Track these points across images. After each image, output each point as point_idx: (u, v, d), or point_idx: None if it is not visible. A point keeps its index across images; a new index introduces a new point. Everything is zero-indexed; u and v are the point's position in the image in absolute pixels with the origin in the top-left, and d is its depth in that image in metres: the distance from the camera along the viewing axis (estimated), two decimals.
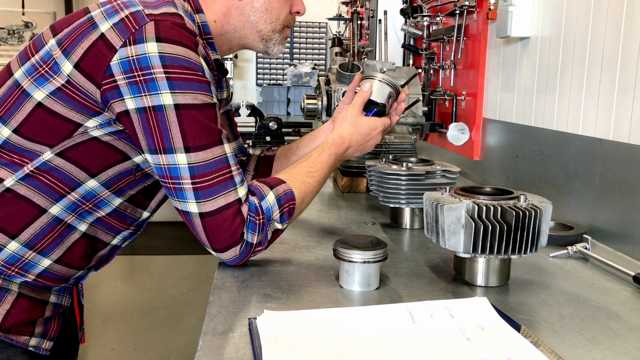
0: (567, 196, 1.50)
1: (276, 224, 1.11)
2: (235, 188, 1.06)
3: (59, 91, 1.05)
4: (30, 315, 1.13)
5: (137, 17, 1.03)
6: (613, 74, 1.33)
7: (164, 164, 1.04)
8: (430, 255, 1.25)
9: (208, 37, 1.21)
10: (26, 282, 1.12)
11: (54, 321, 1.19)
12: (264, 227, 1.09)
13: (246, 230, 1.06)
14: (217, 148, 1.05)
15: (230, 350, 0.80)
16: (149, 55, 1.00)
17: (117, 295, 3.90)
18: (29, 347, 1.13)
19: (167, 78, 1.01)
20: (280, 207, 1.11)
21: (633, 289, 1.08)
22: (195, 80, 1.03)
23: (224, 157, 1.06)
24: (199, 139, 1.03)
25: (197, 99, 1.03)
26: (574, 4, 1.51)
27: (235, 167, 1.08)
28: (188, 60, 1.03)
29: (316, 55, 5.98)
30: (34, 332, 1.14)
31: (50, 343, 1.18)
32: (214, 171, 1.04)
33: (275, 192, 1.11)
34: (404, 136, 1.92)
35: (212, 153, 1.04)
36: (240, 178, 1.08)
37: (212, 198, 1.04)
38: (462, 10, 2.13)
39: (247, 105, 3.01)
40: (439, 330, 0.85)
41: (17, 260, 1.09)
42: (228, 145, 1.08)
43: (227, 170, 1.06)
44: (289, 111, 5.47)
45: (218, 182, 1.04)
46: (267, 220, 1.09)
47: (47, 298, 1.17)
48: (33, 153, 1.06)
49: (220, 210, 1.04)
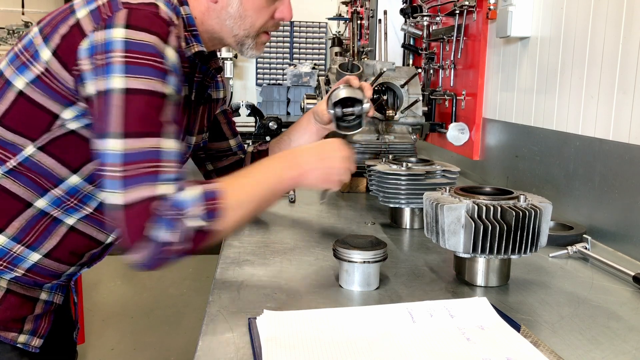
0: (567, 196, 1.50)
1: (198, 220, 0.98)
2: (160, 183, 0.97)
3: (38, 79, 1.04)
4: (19, 312, 1.13)
5: (112, 5, 1.03)
6: (613, 74, 1.33)
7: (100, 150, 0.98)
8: (430, 255, 1.25)
9: (193, 29, 1.20)
10: (16, 277, 1.12)
11: (44, 319, 1.19)
12: (176, 222, 0.97)
13: (159, 227, 0.96)
14: (152, 139, 0.98)
15: (230, 350, 0.80)
16: (113, 40, 0.98)
17: (117, 295, 3.90)
18: (17, 343, 1.13)
19: (123, 62, 0.97)
20: (203, 203, 0.99)
21: (633, 289, 1.08)
22: (152, 66, 0.99)
23: (158, 151, 0.98)
24: (137, 126, 0.97)
25: (147, 84, 0.98)
26: (574, 4, 1.51)
27: (168, 164, 0.99)
28: (151, 46, 0.99)
29: (316, 55, 5.98)
30: (22, 329, 1.14)
31: (40, 340, 1.17)
32: (143, 161, 0.97)
33: (201, 188, 1.01)
34: (404, 136, 1.92)
35: (146, 143, 0.97)
36: (173, 176, 0.99)
37: (134, 188, 0.95)
38: (462, 10, 2.13)
39: (247, 105, 3.01)
40: (439, 330, 0.85)
41: (5, 254, 1.09)
42: (170, 141, 1.00)
43: (156, 163, 0.98)
44: (289, 111, 5.47)
45: (143, 173, 0.96)
46: (179, 214, 0.98)
47: (37, 295, 1.16)
48: (16, 147, 1.06)
49: (138, 202, 0.95)
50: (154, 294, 3.95)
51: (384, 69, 1.90)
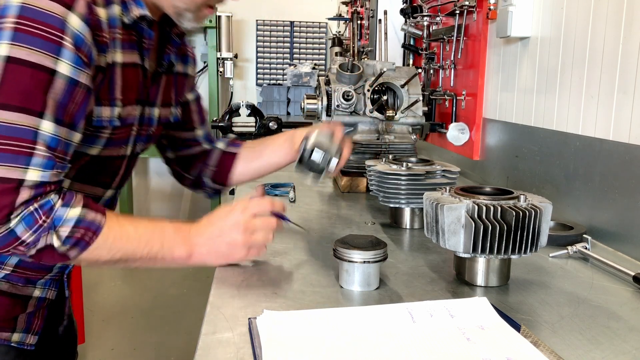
0: (567, 196, 1.50)
1: (55, 238, 0.93)
2: (26, 167, 0.89)
3: None
4: (11, 312, 1.11)
5: None
6: (613, 74, 1.33)
7: None
8: (430, 255, 1.25)
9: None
10: (6, 276, 1.09)
11: (37, 315, 1.17)
12: (41, 230, 0.92)
13: (19, 218, 0.90)
14: (28, 117, 0.89)
15: (230, 350, 0.80)
16: (10, 5, 0.91)
17: (117, 295, 3.90)
18: (12, 342, 1.12)
19: (13, 29, 0.89)
20: (76, 228, 0.94)
21: (633, 289, 1.08)
22: (44, 38, 0.90)
23: (32, 131, 0.90)
24: (13, 99, 0.89)
25: (34, 57, 0.89)
26: (574, 4, 1.51)
27: (44, 150, 0.91)
28: (50, 15, 0.91)
29: (316, 55, 5.98)
30: (15, 328, 1.12)
31: (34, 337, 1.16)
32: (11, 137, 0.88)
33: (83, 212, 0.95)
34: (404, 136, 1.92)
35: (19, 118, 0.89)
36: (44, 163, 0.91)
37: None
38: (462, 10, 2.13)
39: (247, 105, 3.01)
40: (439, 330, 0.85)
41: None
42: (50, 125, 0.91)
43: (28, 144, 0.89)
44: (289, 111, 5.47)
45: (9, 150, 0.88)
46: (49, 225, 0.92)
47: (30, 293, 1.14)
48: None
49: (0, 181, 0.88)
50: (154, 294, 3.95)
51: (384, 69, 1.90)
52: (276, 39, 5.90)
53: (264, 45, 5.89)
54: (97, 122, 1.04)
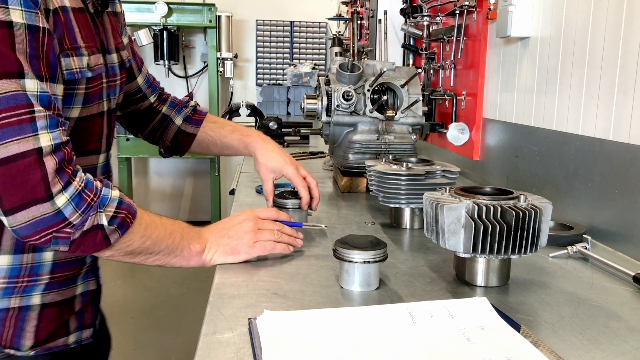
0: (567, 196, 1.51)
1: (104, 218, 0.91)
2: (36, 134, 0.86)
3: None
4: (60, 320, 1.10)
5: None
6: (613, 74, 1.33)
7: None
8: (430, 255, 1.25)
9: None
10: (47, 287, 1.07)
11: (86, 310, 1.17)
12: (90, 209, 0.90)
13: (62, 194, 0.87)
14: (7, 82, 0.84)
15: (230, 350, 0.80)
16: None
17: (117, 295, 3.90)
18: (70, 345, 1.12)
19: None
20: (118, 208, 0.94)
21: (633, 289, 1.08)
22: None
23: (21, 95, 0.85)
24: None
25: None
26: (574, 4, 1.51)
27: (42, 110, 0.87)
28: None
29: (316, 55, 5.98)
30: (69, 331, 1.12)
31: (89, 331, 1.17)
32: (7, 109, 0.84)
33: (121, 194, 0.96)
34: (404, 136, 1.92)
35: (3, 85, 0.84)
36: (50, 122, 0.88)
37: (3, 143, 0.84)
38: (462, 10, 2.13)
39: (247, 105, 3.01)
40: (439, 330, 0.85)
41: (19, 271, 1.03)
42: (33, 82, 0.87)
43: (24, 109, 0.85)
44: (289, 111, 5.47)
45: (9, 123, 0.84)
46: (97, 204, 0.91)
47: (73, 293, 1.13)
48: None
49: (13, 159, 0.84)
50: (154, 294, 3.95)
51: (384, 69, 1.90)
52: (276, 39, 5.90)
53: (264, 45, 5.89)
54: (69, 75, 0.98)
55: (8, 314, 1.03)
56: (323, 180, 2.10)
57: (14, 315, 1.04)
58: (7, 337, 1.03)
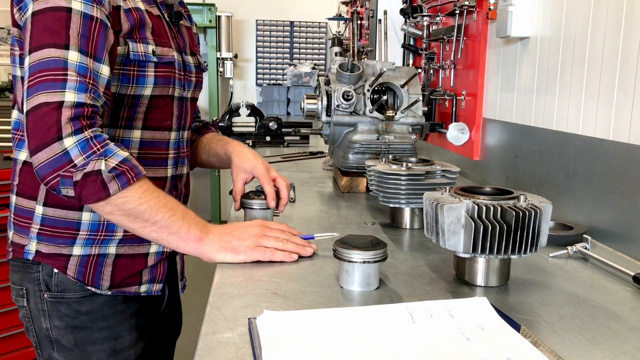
0: (567, 196, 1.51)
1: (103, 164, 1.03)
2: (63, 91, 1.03)
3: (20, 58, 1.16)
4: (133, 269, 1.29)
5: None
6: (613, 74, 1.33)
7: None
8: (430, 255, 1.25)
9: None
10: (121, 241, 1.26)
11: (159, 266, 1.35)
12: (93, 155, 1.03)
13: (71, 137, 1.02)
14: (54, 50, 1.04)
15: (230, 350, 0.80)
16: None
17: None
18: (141, 293, 1.32)
19: None
20: (122, 163, 1.06)
21: (633, 289, 1.08)
22: None
23: (62, 60, 1.04)
24: (39, 40, 1.05)
25: (49, 3, 1.06)
26: (574, 4, 1.51)
27: (75, 75, 1.05)
28: None
29: (316, 55, 5.98)
30: (141, 281, 1.31)
31: (159, 285, 1.35)
32: (44, 70, 1.03)
33: (132, 157, 1.09)
34: (404, 136, 1.92)
35: (47, 53, 1.04)
36: (77, 86, 1.05)
37: (35, 95, 1.03)
38: (462, 10, 2.13)
39: (247, 105, 3.01)
40: (439, 330, 0.85)
41: (97, 227, 1.22)
42: (76, 54, 1.06)
43: (60, 72, 1.04)
44: (289, 111, 5.47)
45: (45, 80, 1.03)
46: (101, 153, 1.04)
47: (147, 250, 1.30)
48: None
49: (38, 107, 1.02)
50: None
51: (384, 69, 1.90)
52: (276, 39, 5.90)
53: (264, 45, 5.89)
54: (135, 55, 1.19)
55: (89, 259, 1.25)
56: (323, 180, 2.10)
57: (94, 260, 1.25)
58: (89, 277, 1.25)
